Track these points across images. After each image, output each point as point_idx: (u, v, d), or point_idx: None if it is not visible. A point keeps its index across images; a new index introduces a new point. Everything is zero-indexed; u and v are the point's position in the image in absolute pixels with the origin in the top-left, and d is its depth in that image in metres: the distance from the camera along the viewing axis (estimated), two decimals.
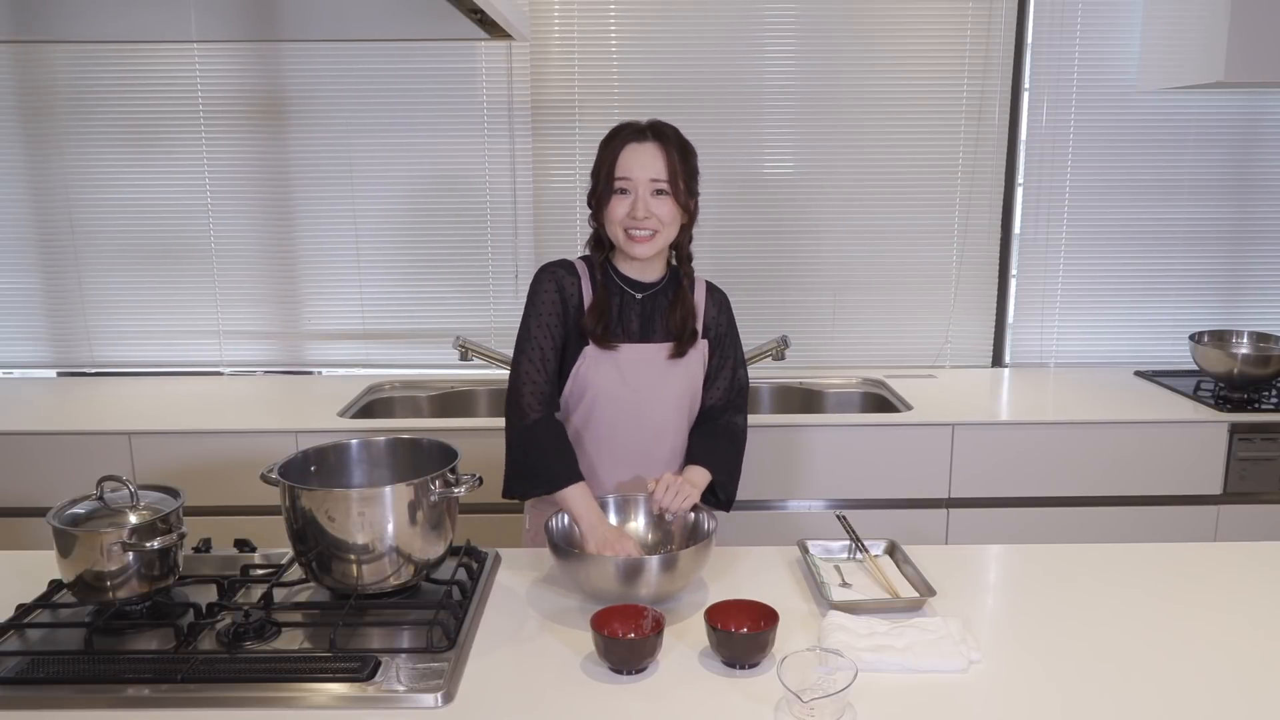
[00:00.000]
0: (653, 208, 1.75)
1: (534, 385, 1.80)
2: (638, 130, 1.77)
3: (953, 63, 3.02)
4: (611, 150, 1.77)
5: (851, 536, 1.77)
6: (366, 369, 3.18)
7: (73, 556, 1.46)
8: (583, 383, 1.83)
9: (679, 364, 1.85)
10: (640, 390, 1.83)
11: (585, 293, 1.83)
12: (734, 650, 1.38)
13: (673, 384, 1.86)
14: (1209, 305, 3.20)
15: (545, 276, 1.84)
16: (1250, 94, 3.05)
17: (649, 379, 1.84)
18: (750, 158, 3.07)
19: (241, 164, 3.07)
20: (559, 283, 1.83)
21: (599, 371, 1.82)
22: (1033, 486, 2.62)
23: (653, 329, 1.85)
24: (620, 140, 1.77)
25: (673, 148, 1.76)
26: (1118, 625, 1.50)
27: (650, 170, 1.74)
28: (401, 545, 1.53)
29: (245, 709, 1.28)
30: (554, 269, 1.85)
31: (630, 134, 1.77)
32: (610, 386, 1.82)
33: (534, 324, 1.82)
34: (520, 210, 3.10)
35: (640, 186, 1.74)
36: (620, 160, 1.75)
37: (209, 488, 2.52)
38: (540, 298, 1.83)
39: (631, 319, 1.84)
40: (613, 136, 1.79)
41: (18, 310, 3.17)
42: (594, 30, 2.99)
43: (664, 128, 1.79)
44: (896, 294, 3.17)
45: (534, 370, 1.81)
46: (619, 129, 1.79)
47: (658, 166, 1.74)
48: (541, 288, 1.83)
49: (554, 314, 1.82)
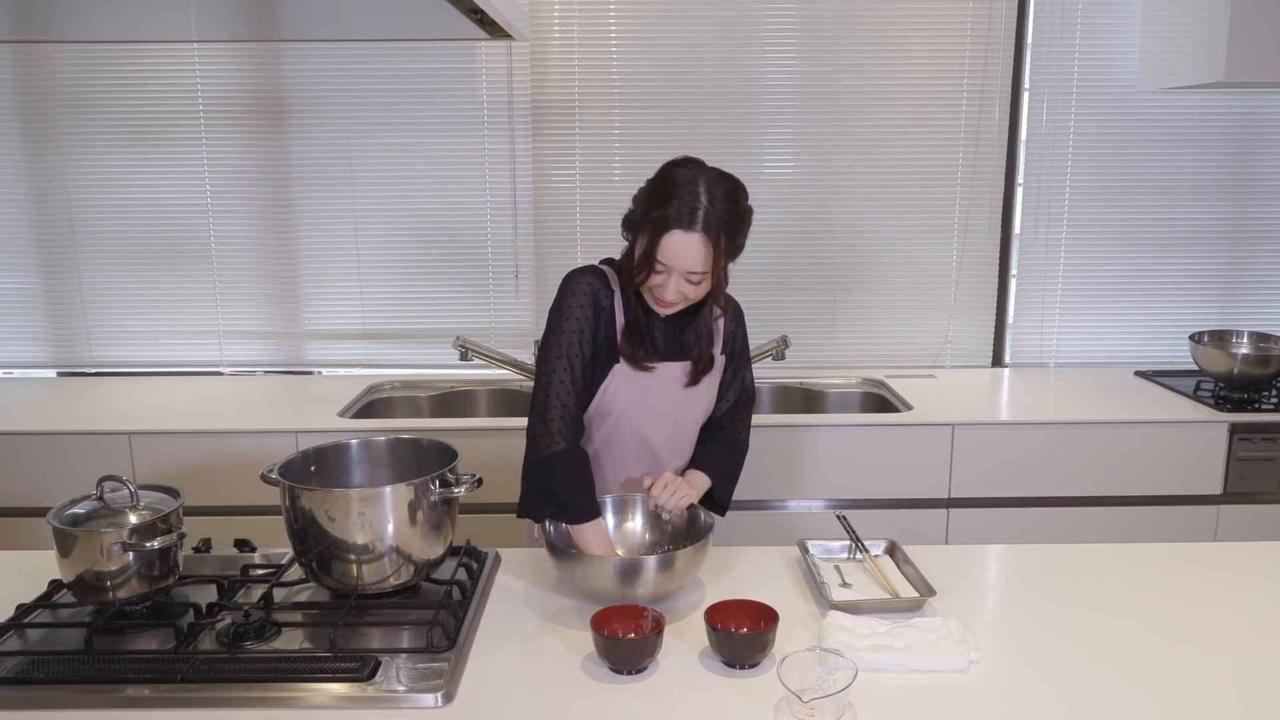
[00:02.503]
0: (684, 291, 1.68)
1: (564, 409, 1.72)
2: (691, 215, 1.61)
3: (953, 63, 3.02)
4: (657, 225, 1.63)
5: (851, 536, 1.77)
6: (366, 369, 3.18)
7: (73, 556, 1.46)
8: (610, 402, 1.78)
9: (702, 382, 1.83)
10: (667, 409, 1.81)
11: (618, 308, 1.77)
12: (734, 650, 1.38)
13: (698, 402, 1.84)
14: (1209, 305, 3.20)
15: (580, 286, 1.75)
16: (1250, 94, 3.05)
17: (676, 397, 1.81)
18: (750, 158, 3.07)
19: (241, 164, 3.07)
20: (595, 294, 1.74)
21: (628, 393, 1.78)
22: (1033, 486, 2.62)
23: (677, 348, 1.81)
24: (671, 220, 1.62)
25: (720, 236, 1.63)
26: (1117, 625, 1.50)
27: (689, 264, 1.64)
28: (401, 545, 1.53)
29: (245, 709, 1.28)
30: (589, 278, 1.76)
31: (683, 219, 1.61)
32: (638, 405, 1.79)
33: (566, 338, 1.73)
34: (520, 210, 3.10)
35: (675, 274, 1.66)
36: (663, 246, 1.63)
37: (209, 488, 2.52)
38: (574, 310, 1.73)
39: (657, 336, 1.80)
40: (666, 198, 1.62)
41: (18, 310, 3.17)
42: (594, 30, 2.99)
43: (720, 210, 1.63)
44: (896, 294, 3.17)
45: (564, 391, 1.73)
46: (676, 193, 1.62)
47: (698, 261, 1.63)
48: (575, 299, 1.74)
49: (587, 328, 1.74)
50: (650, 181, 1.70)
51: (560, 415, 1.72)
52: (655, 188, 1.67)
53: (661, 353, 1.80)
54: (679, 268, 1.65)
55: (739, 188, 1.69)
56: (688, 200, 1.62)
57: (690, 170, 1.66)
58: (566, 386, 1.73)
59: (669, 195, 1.63)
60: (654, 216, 1.63)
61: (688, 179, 1.64)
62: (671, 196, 1.63)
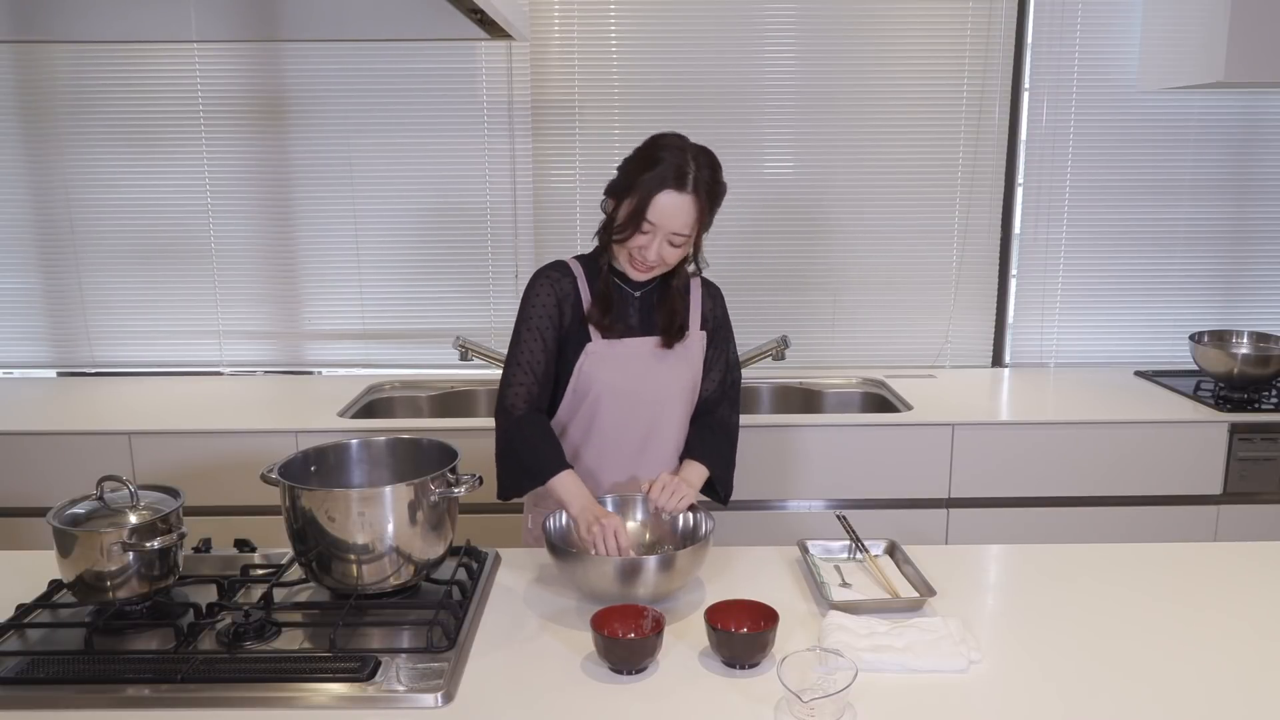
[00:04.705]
0: (664, 254, 1.74)
1: (520, 387, 1.81)
2: (680, 177, 1.69)
3: (953, 63, 3.02)
4: (649, 186, 1.69)
5: (851, 536, 1.77)
6: (366, 369, 3.18)
7: (73, 556, 1.46)
8: (587, 380, 1.83)
9: (681, 356, 1.86)
10: (645, 383, 1.84)
11: (583, 290, 1.84)
12: (734, 650, 1.38)
13: (677, 377, 1.86)
14: (1209, 305, 3.20)
15: (540, 283, 1.84)
16: (1250, 94, 3.05)
17: (653, 371, 1.84)
18: (750, 158, 3.07)
19: (241, 164, 3.07)
20: (554, 287, 1.82)
21: (604, 367, 1.82)
22: (1033, 486, 2.62)
23: (652, 323, 1.86)
24: (662, 181, 1.69)
25: (706, 200, 1.73)
26: (1117, 625, 1.50)
27: (678, 224, 1.71)
28: (401, 545, 1.53)
29: (245, 709, 1.28)
30: (547, 273, 1.84)
31: (673, 179, 1.69)
32: (615, 381, 1.82)
33: (524, 331, 1.82)
34: (520, 210, 3.10)
35: (661, 233, 1.72)
36: (654, 205, 1.69)
37: (209, 488, 2.52)
38: (533, 305, 1.82)
39: (630, 314, 1.85)
40: (655, 162, 1.70)
41: (18, 310, 3.17)
42: (594, 30, 2.99)
43: (705, 175, 1.72)
44: (896, 294, 3.17)
45: (521, 374, 1.81)
46: (666, 158, 1.70)
47: (686, 221, 1.72)
48: (535, 296, 1.83)
49: (547, 320, 1.81)
50: (637, 149, 1.77)
51: (515, 393, 1.81)
52: (644, 153, 1.75)
53: (635, 329, 1.85)
54: (666, 228, 1.71)
55: (718, 161, 1.78)
56: (677, 163, 1.70)
57: (676, 139, 1.76)
58: (524, 369, 1.82)
59: (658, 159, 1.71)
60: (645, 178, 1.70)
61: (675, 145, 1.74)
62: (661, 160, 1.71)
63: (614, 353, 1.83)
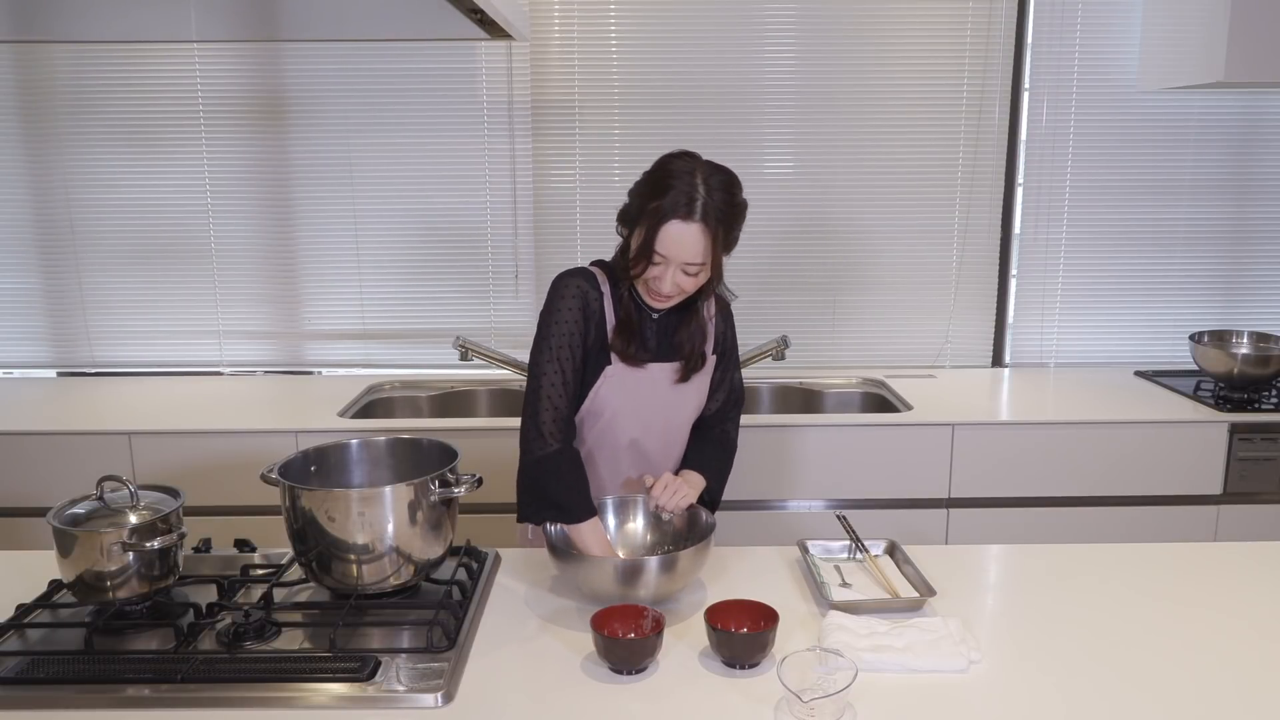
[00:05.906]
0: (680, 283, 1.67)
1: (556, 411, 1.72)
2: (689, 205, 1.61)
3: (953, 63, 3.02)
4: (655, 216, 1.62)
5: (851, 536, 1.77)
6: (366, 369, 3.18)
7: (73, 556, 1.46)
8: (601, 403, 1.78)
9: (694, 383, 1.83)
10: (659, 409, 1.81)
11: (608, 310, 1.76)
12: (734, 650, 1.38)
13: (690, 401, 1.84)
14: (1209, 305, 3.20)
15: (569, 288, 1.74)
16: (1250, 94, 3.05)
17: (667, 399, 1.81)
18: (750, 158, 3.07)
19: (241, 164, 3.07)
20: (584, 296, 1.74)
21: (620, 393, 1.78)
22: (1033, 486, 2.62)
23: (670, 348, 1.81)
24: (669, 210, 1.61)
25: (718, 226, 1.64)
26: (1117, 625, 1.51)
27: (687, 255, 1.63)
28: (401, 545, 1.53)
29: (245, 709, 1.28)
30: (577, 280, 1.75)
31: (682, 208, 1.61)
32: (630, 405, 1.79)
33: (557, 340, 1.73)
34: (520, 210, 3.10)
35: (674, 264, 1.65)
36: (662, 235, 1.62)
37: (209, 488, 2.52)
38: (564, 312, 1.73)
39: (649, 336, 1.80)
40: (664, 189, 1.62)
41: (18, 310, 3.17)
42: (594, 30, 2.99)
43: (718, 199, 1.63)
44: (896, 294, 3.17)
45: (556, 393, 1.72)
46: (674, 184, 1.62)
47: (696, 251, 1.63)
48: (565, 302, 1.73)
49: (577, 329, 1.73)
50: (646, 174, 1.69)
51: (552, 417, 1.72)
52: (652, 179, 1.67)
53: (653, 353, 1.80)
54: (677, 258, 1.64)
55: (734, 180, 1.69)
56: (685, 190, 1.62)
57: (687, 162, 1.66)
58: (558, 388, 1.73)
59: (666, 186, 1.63)
60: (652, 208, 1.63)
61: (685, 170, 1.64)
62: (669, 187, 1.62)
63: (633, 378, 1.78)
